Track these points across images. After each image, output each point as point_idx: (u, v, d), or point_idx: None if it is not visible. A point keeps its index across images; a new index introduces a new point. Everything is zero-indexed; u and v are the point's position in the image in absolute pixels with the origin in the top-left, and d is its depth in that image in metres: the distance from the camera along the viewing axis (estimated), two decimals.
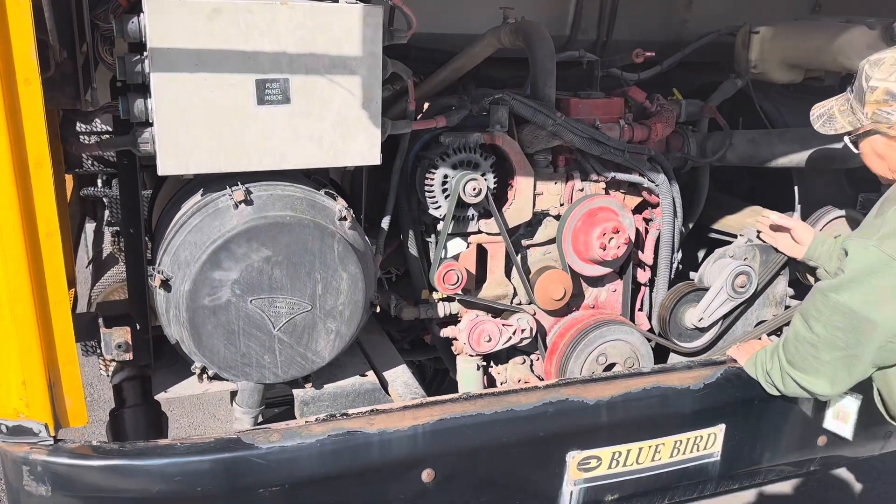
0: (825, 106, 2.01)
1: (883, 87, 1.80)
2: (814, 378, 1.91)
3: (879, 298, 1.76)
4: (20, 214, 1.54)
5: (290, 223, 1.77)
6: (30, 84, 1.48)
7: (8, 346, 1.62)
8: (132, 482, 1.72)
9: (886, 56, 1.84)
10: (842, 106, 1.95)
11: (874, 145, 1.90)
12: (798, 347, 1.92)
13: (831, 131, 1.96)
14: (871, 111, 1.84)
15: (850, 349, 1.82)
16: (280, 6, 1.69)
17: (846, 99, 1.94)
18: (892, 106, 1.80)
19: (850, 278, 1.79)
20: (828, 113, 1.98)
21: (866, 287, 1.77)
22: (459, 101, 2.23)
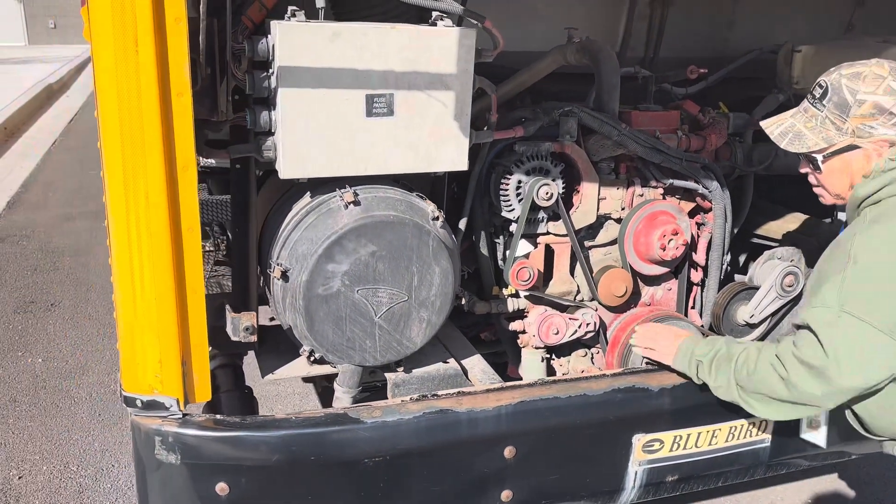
0: (783, 122, 1.93)
1: (871, 100, 1.77)
2: (763, 407, 1.92)
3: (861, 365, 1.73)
4: (168, 211, 1.76)
5: (394, 222, 1.98)
6: (182, 96, 1.70)
7: (149, 328, 1.84)
8: (253, 452, 1.93)
9: (864, 70, 1.81)
10: (808, 122, 1.87)
11: (849, 161, 1.84)
12: (755, 382, 1.90)
13: (803, 149, 1.87)
14: (855, 125, 1.79)
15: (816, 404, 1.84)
16: (390, 29, 1.91)
17: (812, 115, 1.87)
18: (877, 120, 1.77)
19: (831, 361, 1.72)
20: (792, 130, 1.90)
21: (848, 361, 1.72)
22: (532, 112, 2.43)
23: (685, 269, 2.65)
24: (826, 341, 1.72)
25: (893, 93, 1.77)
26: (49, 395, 3.92)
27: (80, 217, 6.72)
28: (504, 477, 2.13)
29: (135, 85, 1.65)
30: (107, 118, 1.69)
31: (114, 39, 1.62)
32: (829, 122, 1.84)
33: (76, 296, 5.11)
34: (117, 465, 3.39)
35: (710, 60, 3.08)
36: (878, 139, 1.79)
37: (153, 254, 1.77)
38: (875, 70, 1.80)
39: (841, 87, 1.82)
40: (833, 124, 1.83)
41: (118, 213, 1.75)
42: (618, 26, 3.10)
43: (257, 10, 1.92)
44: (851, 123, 1.80)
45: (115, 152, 1.70)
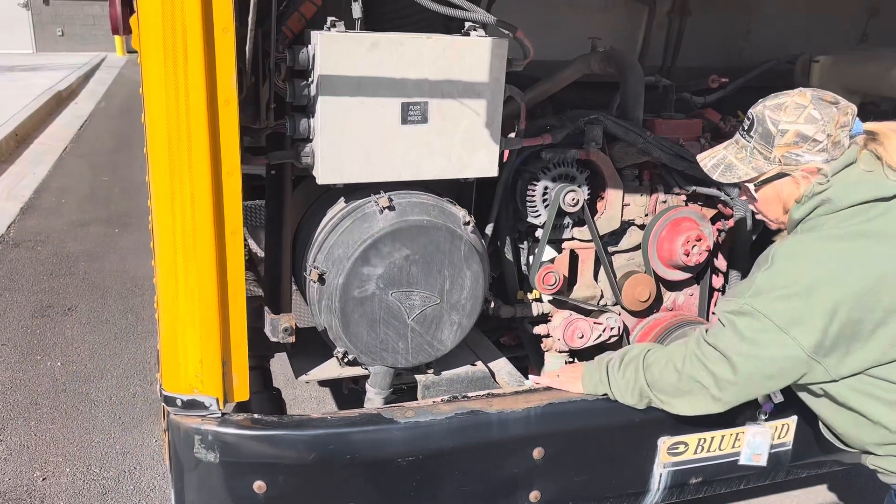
0: (715, 155, 1.98)
1: (793, 129, 1.80)
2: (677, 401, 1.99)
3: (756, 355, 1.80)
4: (213, 215, 1.81)
5: (427, 226, 2.03)
6: (228, 104, 1.75)
7: (191, 328, 1.88)
8: (290, 450, 1.97)
9: (785, 100, 1.84)
10: (738, 153, 1.91)
11: (780, 188, 1.88)
12: (667, 371, 1.97)
13: (734, 179, 1.91)
14: (780, 154, 1.83)
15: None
16: (426, 39, 1.97)
17: (742, 146, 1.91)
18: (801, 147, 1.80)
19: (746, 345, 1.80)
20: (724, 162, 1.93)
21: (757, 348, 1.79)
22: (559, 120, 2.48)
23: (707, 274, 2.70)
24: (728, 328, 1.83)
25: (814, 121, 1.79)
26: (69, 398, 3.96)
27: (94, 223, 6.77)
28: (532, 478, 2.17)
29: (183, 93, 1.70)
30: (154, 125, 1.74)
31: (163, 49, 1.67)
32: (757, 153, 1.87)
33: (92, 300, 5.15)
34: (139, 467, 3.43)
35: (727, 70, 3.14)
36: (805, 166, 1.83)
37: (197, 256, 1.82)
38: (796, 100, 1.83)
39: (764, 118, 1.85)
40: (761, 154, 1.87)
41: (163, 217, 1.80)
42: (637, 36, 3.17)
43: (297, 21, 1.98)
44: (777, 152, 1.84)
45: (162, 158, 1.75)
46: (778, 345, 1.77)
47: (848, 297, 1.72)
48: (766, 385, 1.87)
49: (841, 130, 1.80)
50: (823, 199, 1.81)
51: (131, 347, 4.50)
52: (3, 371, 4.18)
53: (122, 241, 6.30)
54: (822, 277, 1.74)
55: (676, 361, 1.95)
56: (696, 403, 1.97)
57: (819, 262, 1.76)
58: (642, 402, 2.07)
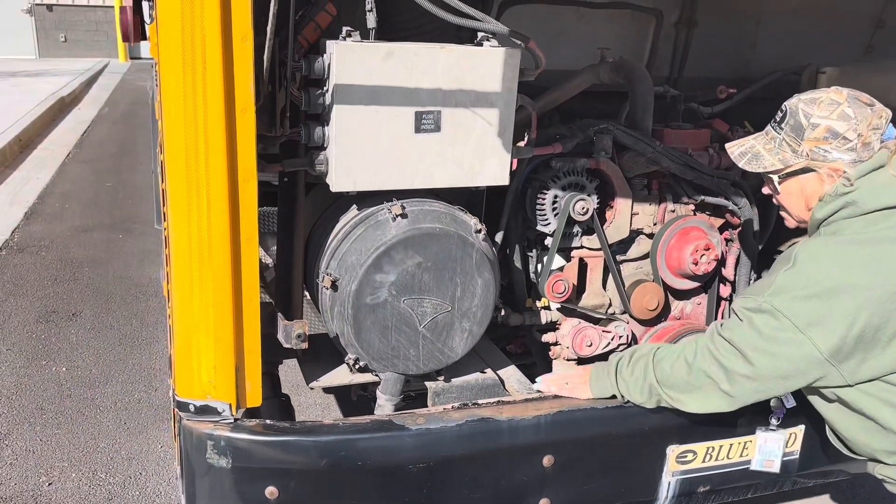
0: (744, 144, 1.99)
1: (825, 124, 1.81)
2: (683, 397, 1.99)
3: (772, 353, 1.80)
4: (228, 222, 1.82)
5: (439, 234, 2.04)
6: (246, 112, 1.77)
7: (206, 334, 1.90)
8: (302, 456, 1.98)
9: (821, 96, 1.85)
10: (767, 144, 1.92)
11: (804, 183, 1.89)
12: (679, 368, 1.97)
13: (759, 169, 1.93)
14: (809, 148, 1.83)
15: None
16: (440, 49, 1.98)
17: (771, 138, 1.92)
18: (830, 143, 1.81)
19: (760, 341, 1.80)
20: (751, 151, 1.95)
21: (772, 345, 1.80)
22: (569, 129, 2.50)
23: (715, 284, 2.71)
24: (745, 324, 1.82)
25: (847, 118, 1.80)
26: (74, 404, 3.96)
27: (97, 228, 6.79)
28: (542, 485, 2.18)
29: (201, 100, 1.71)
30: (172, 132, 1.75)
31: (182, 56, 1.69)
32: (786, 145, 1.88)
33: (96, 306, 5.16)
34: (144, 472, 3.43)
35: (734, 81, 3.16)
36: (831, 163, 1.83)
37: (213, 262, 1.83)
38: (832, 96, 1.85)
39: (797, 110, 1.86)
40: (789, 146, 1.87)
41: (180, 223, 1.81)
42: (644, 46, 3.19)
43: (312, 30, 2.00)
44: (806, 146, 1.84)
45: (180, 164, 1.77)
46: (795, 344, 1.76)
47: (869, 302, 1.72)
48: (779, 385, 1.86)
49: (873, 132, 1.80)
50: (848, 200, 1.80)
51: (136, 353, 4.51)
52: (8, 376, 4.18)
53: (126, 246, 6.32)
54: (844, 281, 1.74)
55: (688, 355, 1.95)
56: (707, 399, 1.95)
57: (842, 265, 1.76)
58: (651, 399, 2.06)
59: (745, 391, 1.89)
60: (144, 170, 8.66)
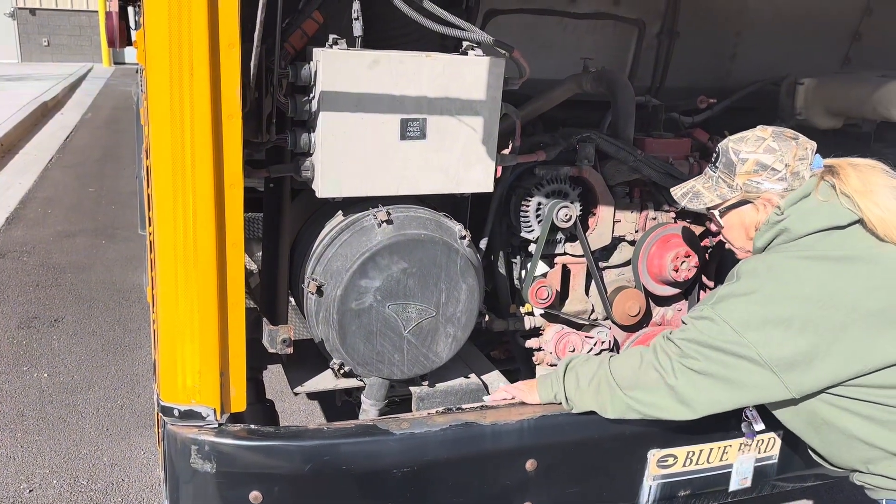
0: (685, 186, 2.12)
1: (753, 158, 1.93)
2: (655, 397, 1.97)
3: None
4: (214, 227, 1.83)
5: (424, 240, 2.07)
6: (232, 118, 1.78)
7: (190, 339, 1.90)
8: (287, 461, 1.98)
9: (748, 134, 1.99)
10: (706, 183, 2.05)
11: (743, 215, 2.00)
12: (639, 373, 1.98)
13: (700, 206, 2.05)
14: (742, 181, 1.95)
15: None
16: (425, 58, 2.01)
17: (709, 177, 2.05)
18: (761, 175, 1.92)
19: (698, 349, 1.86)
20: (692, 191, 2.07)
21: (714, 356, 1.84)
22: (552, 138, 2.54)
23: (695, 290, 2.75)
24: (689, 328, 1.89)
25: (773, 151, 1.92)
26: (56, 410, 3.94)
27: (80, 234, 6.75)
28: (525, 489, 2.19)
29: (188, 106, 1.72)
30: (159, 137, 1.76)
31: (170, 62, 1.70)
32: (722, 181, 2.00)
33: (79, 311, 5.13)
34: (127, 479, 3.42)
35: (714, 91, 3.21)
36: (764, 193, 1.94)
37: (198, 267, 1.84)
38: (758, 133, 1.98)
39: (728, 149, 1.99)
40: (724, 182, 1.99)
41: (165, 228, 1.82)
42: (626, 56, 3.23)
43: (299, 38, 2.02)
44: (739, 180, 1.96)
45: (166, 169, 1.77)
46: (733, 345, 1.81)
47: (806, 310, 1.77)
48: (726, 392, 1.88)
49: (800, 163, 1.91)
50: (781, 228, 1.90)
51: (119, 359, 4.49)
52: None
53: (108, 252, 6.28)
54: (781, 289, 1.81)
55: (641, 351, 2.00)
56: (654, 391, 1.96)
57: (779, 276, 1.83)
58: (598, 398, 2.04)
59: (687, 384, 1.89)
60: (128, 175, 8.62)
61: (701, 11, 3.13)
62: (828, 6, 3.30)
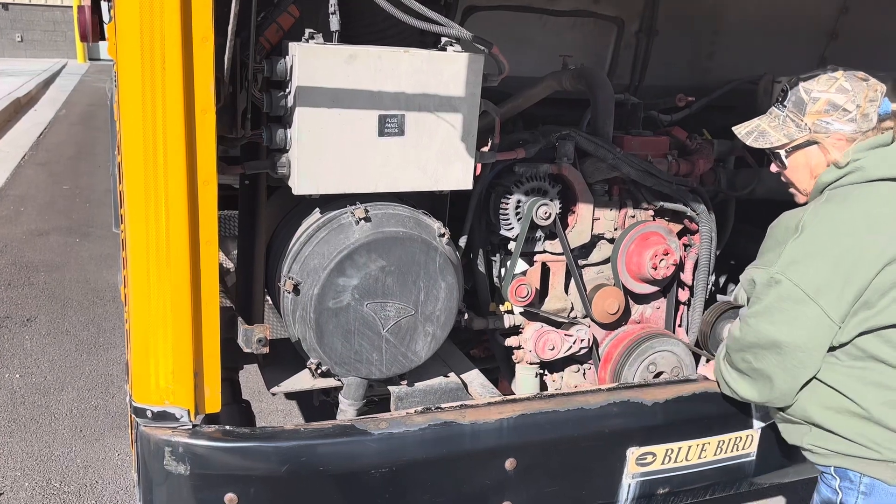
0: (749, 125, 2.08)
1: (825, 97, 1.92)
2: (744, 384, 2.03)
3: (789, 323, 1.84)
4: (187, 224, 1.79)
5: (403, 238, 2.04)
6: (206, 113, 1.74)
7: (163, 339, 1.86)
8: (263, 462, 1.95)
9: (820, 74, 1.98)
10: (771, 122, 2.02)
11: (809, 156, 1.98)
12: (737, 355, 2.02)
13: (766, 144, 2.02)
14: (811, 121, 1.93)
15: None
16: (403, 53, 1.99)
17: (775, 116, 2.02)
18: (831, 115, 1.91)
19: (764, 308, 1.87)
20: (757, 129, 2.04)
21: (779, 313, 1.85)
22: (532, 135, 2.52)
23: (673, 288, 2.75)
24: (763, 300, 1.87)
25: (844, 91, 1.92)
26: (28, 411, 3.87)
27: (53, 232, 6.64)
28: (504, 488, 2.18)
29: (160, 101, 1.69)
30: (130, 133, 1.72)
31: (141, 56, 1.66)
32: (790, 120, 1.98)
33: (52, 311, 5.04)
34: (101, 480, 3.36)
35: (692, 89, 3.22)
36: (834, 134, 1.93)
37: (171, 266, 1.80)
38: (829, 73, 1.98)
39: (798, 88, 1.98)
40: (793, 122, 1.97)
41: (137, 226, 1.78)
42: (605, 54, 3.23)
43: (274, 32, 1.98)
44: (808, 119, 1.94)
45: (138, 166, 1.74)
46: (810, 314, 1.81)
47: (873, 261, 1.78)
48: (800, 350, 1.86)
49: (870, 104, 1.91)
50: (857, 166, 1.89)
51: (92, 359, 4.42)
52: None
53: (82, 250, 6.18)
54: (849, 245, 1.80)
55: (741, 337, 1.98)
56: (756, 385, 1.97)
57: (846, 230, 1.83)
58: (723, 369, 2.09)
59: (783, 365, 1.88)
60: (103, 173, 8.50)
61: (679, 10, 3.13)
62: (805, 5, 3.32)
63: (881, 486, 1.80)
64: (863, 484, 1.84)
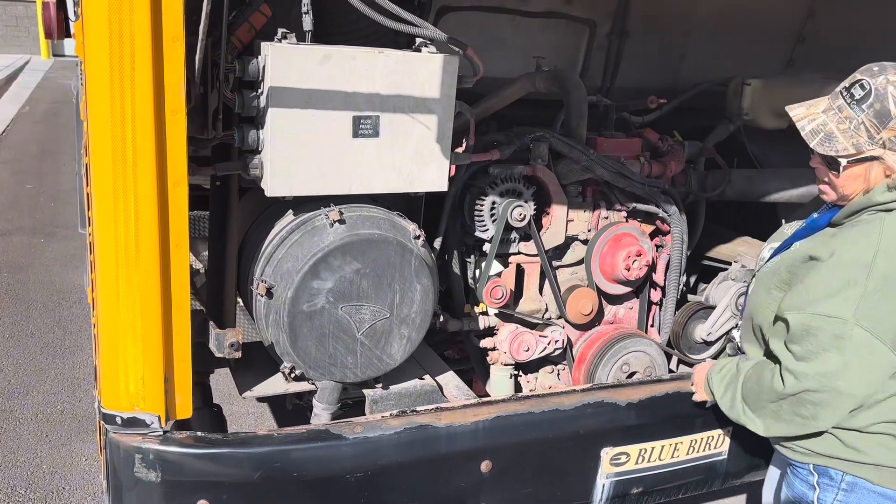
0: (814, 119, 1.82)
1: None
2: (763, 422, 1.93)
3: (866, 376, 1.73)
4: (157, 227, 1.76)
5: (378, 240, 2.03)
6: (176, 114, 1.71)
7: (133, 344, 1.83)
8: (235, 468, 1.93)
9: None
10: (840, 124, 1.76)
11: (870, 170, 1.78)
12: (759, 393, 1.91)
13: (831, 152, 1.77)
14: (888, 137, 1.72)
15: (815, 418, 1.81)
16: (378, 54, 1.97)
17: (846, 117, 1.76)
18: None
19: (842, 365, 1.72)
20: (823, 129, 1.78)
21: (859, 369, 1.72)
22: (506, 137, 2.52)
23: (646, 288, 2.77)
24: (833, 355, 1.72)
25: None
26: None
27: (17, 232, 6.48)
28: (480, 491, 2.18)
29: (129, 102, 1.65)
30: (98, 134, 1.68)
31: (110, 56, 1.63)
32: (864, 129, 1.74)
33: (16, 313, 4.92)
34: (68, 487, 3.29)
35: (663, 91, 3.25)
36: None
37: (140, 269, 1.77)
38: None
39: (886, 94, 1.71)
40: (867, 131, 1.73)
41: (106, 227, 1.74)
42: (578, 56, 3.24)
43: (246, 31, 1.95)
44: (886, 135, 1.72)
45: (106, 167, 1.70)
46: (885, 364, 1.72)
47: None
48: (867, 398, 1.78)
49: None
50: None
51: (59, 362, 4.32)
52: None
53: (47, 251, 6.05)
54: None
55: (778, 383, 1.85)
56: (792, 426, 1.86)
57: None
58: (736, 417, 2.00)
59: (838, 411, 1.79)
60: (68, 171, 8.32)
61: (651, 12, 3.16)
62: (773, 9, 3.36)
63: (865, 484, 1.78)
64: (844, 482, 1.81)
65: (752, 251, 3.05)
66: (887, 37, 3.52)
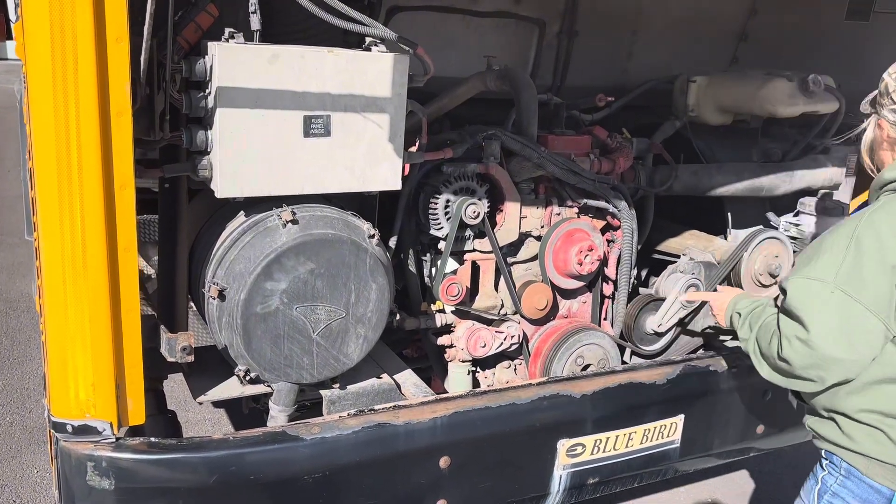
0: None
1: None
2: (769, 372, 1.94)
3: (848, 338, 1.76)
4: (104, 231, 1.73)
5: (332, 240, 2.02)
6: (121, 116, 1.69)
7: (82, 350, 1.79)
8: (191, 474, 1.90)
9: None
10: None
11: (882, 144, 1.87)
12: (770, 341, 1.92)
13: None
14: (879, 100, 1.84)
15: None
16: (327, 53, 1.97)
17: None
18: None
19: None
20: None
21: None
22: (459, 135, 2.54)
23: (598, 282, 2.82)
24: (816, 316, 1.77)
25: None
26: None
27: None
28: (439, 487, 2.20)
29: (73, 104, 1.62)
30: (42, 137, 1.65)
31: (52, 58, 1.60)
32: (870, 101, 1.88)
33: None
34: (19, 500, 3.21)
35: (611, 89, 3.30)
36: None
37: (88, 274, 1.74)
38: None
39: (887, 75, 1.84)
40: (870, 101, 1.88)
41: (51, 233, 1.71)
42: (528, 55, 3.28)
43: (193, 31, 1.93)
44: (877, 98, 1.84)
45: (50, 171, 1.67)
46: (869, 328, 1.75)
47: None
48: (854, 363, 1.80)
49: None
50: None
51: (6, 373, 4.20)
52: None
53: None
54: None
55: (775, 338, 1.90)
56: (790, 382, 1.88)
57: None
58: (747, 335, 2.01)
59: (825, 374, 1.82)
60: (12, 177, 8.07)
61: (598, 11, 3.21)
62: (716, 8, 3.45)
63: (857, 473, 1.84)
64: (842, 468, 1.87)
65: (700, 244, 3.12)
66: (824, 34, 3.64)
